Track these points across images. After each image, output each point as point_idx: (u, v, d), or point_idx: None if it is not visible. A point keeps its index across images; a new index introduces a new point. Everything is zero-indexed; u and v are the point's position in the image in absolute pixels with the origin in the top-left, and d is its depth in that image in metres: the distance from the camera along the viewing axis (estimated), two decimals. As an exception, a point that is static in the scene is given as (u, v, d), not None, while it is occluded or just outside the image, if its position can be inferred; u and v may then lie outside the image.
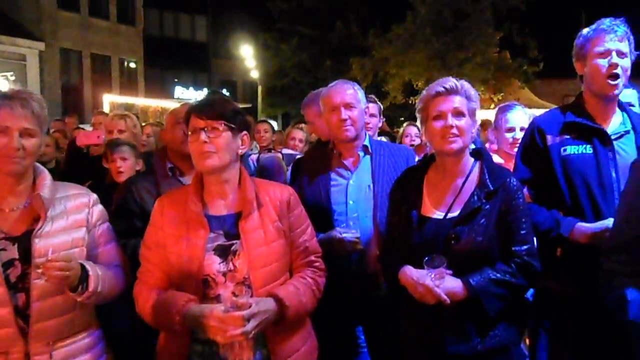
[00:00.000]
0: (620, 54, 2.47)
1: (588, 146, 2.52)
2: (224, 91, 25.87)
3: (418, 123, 2.42)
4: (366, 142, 2.90)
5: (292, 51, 26.03)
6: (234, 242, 2.16)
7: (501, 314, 2.22)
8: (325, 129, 3.04)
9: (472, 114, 2.30)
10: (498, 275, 2.18)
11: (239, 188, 2.22)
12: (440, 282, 2.12)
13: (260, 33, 26.88)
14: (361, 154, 2.89)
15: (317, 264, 2.34)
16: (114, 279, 2.23)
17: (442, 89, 2.26)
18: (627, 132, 2.56)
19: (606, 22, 2.51)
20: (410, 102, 19.59)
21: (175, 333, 2.13)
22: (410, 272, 2.22)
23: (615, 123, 2.59)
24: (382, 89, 22.13)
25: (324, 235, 2.65)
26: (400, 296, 2.32)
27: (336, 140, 2.89)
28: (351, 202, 2.78)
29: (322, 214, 2.74)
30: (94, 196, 2.31)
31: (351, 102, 2.81)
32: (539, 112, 3.08)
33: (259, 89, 27.28)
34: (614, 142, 2.52)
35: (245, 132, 2.22)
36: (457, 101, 2.26)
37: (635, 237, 1.84)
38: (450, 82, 2.28)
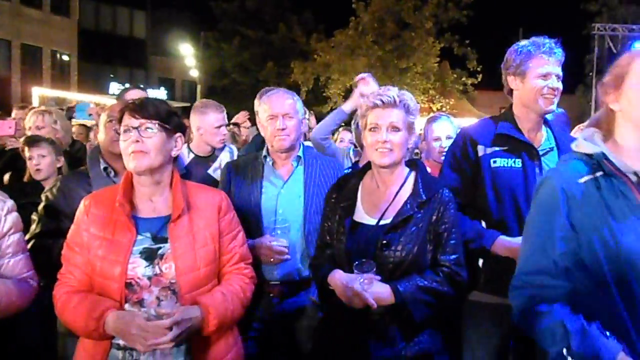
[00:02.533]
0: (558, 77, 2.57)
1: (517, 160, 2.56)
2: (162, 89, 25.34)
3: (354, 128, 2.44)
4: (300, 153, 2.91)
5: (233, 51, 25.78)
6: (162, 245, 2.10)
7: (427, 321, 2.25)
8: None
9: (409, 127, 2.33)
10: (425, 282, 2.21)
11: (169, 191, 2.17)
12: (369, 287, 2.14)
13: (201, 32, 26.47)
14: (294, 163, 2.89)
15: (246, 271, 2.31)
16: (13, 292, 2.12)
17: (380, 101, 2.28)
18: (552, 149, 2.64)
19: (546, 43, 2.56)
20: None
21: (94, 339, 2.05)
22: (339, 276, 2.25)
23: (541, 139, 2.66)
24: (323, 94, 22.25)
25: (252, 241, 2.62)
26: (329, 299, 2.33)
27: (271, 148, 2.87)
28: (281, 211, 2.76)
29: (251, 222, 2.71)
30: (10, 203, 2.19)
31: (289, 112, 2.80)
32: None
33: (198, 88, 26.83)
34: (541, 158, 2.58)
35: (180, 134, 2.18)
36: (394, 115, 2.28)
37: (558, 256, 1.78)
38: (390, 94, 2.29)
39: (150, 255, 2.09)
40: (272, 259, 2.64)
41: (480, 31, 21.48)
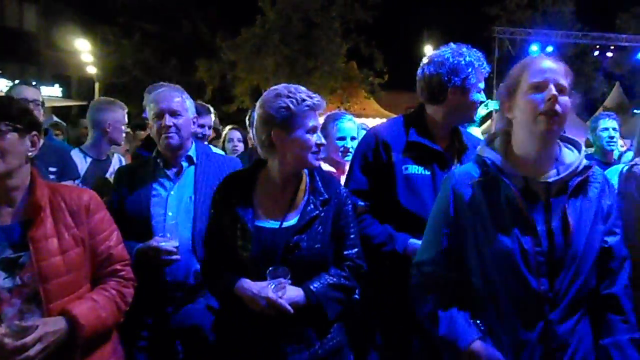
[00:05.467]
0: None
1: (427, 169, 2.57)
2: (56, 87, 23.78)
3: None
4: (191, 152, 2.85)
5: (134, 48, 24.74)
6: (22, 253, 1.95)
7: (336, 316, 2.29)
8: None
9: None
10: (334, 279, 2.25)
11: (29, 193, 2.02)
12: (283, 293, 2.12)
13: (99, 26, 25.13)
14: (185, 164, 2.83)
15: (122, 273, 2.19)
16: None
17: (312, 103, 2.18)
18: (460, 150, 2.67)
19: (481, 57, 2.58)
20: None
21: None
22: (248, 286, 2.16)
23: (450, 142, 2.69)
24: (229, 93, 21.87)
25: (142, 245, 2.57)
26: (234, 308, 2.22)
27: (160, 147, 2.79)
28: (170, 214, 2.70)
29: (141, 225, 2.66)
30: None
31: (177, 110, 2.75)
32: (382, 122, 3.16)
33: (97, 86, 25.46)
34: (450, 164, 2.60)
35: (35, 132, 2.04)
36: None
37: (443, 250, 1.98)
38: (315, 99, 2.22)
39: (9, 265, 1.93)
40: (161, 261, 2.54)
41: (386, 32, 22.03)
